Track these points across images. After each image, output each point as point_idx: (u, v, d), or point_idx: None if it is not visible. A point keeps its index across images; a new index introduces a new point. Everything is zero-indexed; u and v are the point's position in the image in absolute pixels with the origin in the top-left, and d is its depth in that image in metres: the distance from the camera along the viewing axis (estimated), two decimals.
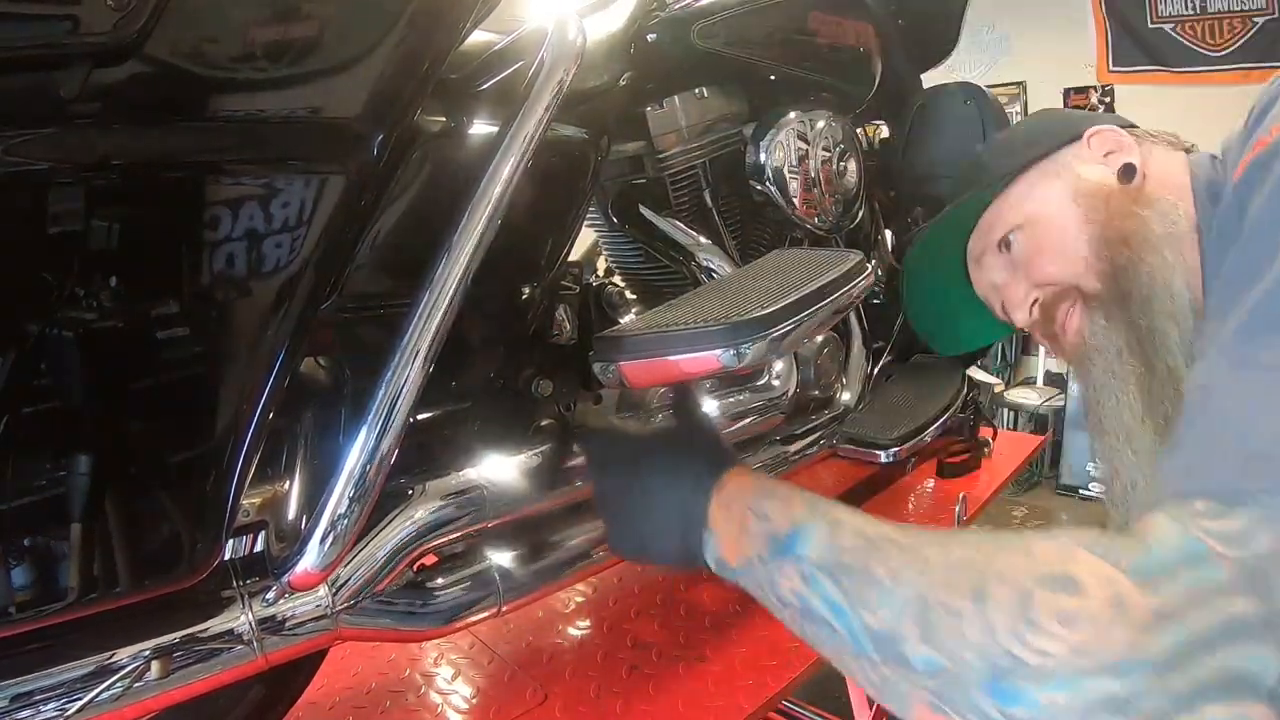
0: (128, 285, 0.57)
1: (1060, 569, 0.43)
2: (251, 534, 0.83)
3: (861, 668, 0.48)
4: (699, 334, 0.63)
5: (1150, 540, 0.42)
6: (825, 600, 0.49)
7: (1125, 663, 0.39)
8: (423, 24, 0.65)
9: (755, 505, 0.57)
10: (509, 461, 0.91)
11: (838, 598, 0.48)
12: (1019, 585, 0.43)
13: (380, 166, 0.66)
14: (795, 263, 0.88)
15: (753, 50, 1.17)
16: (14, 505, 0.57)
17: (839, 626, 0.48)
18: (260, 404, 0.64)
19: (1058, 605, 0.41)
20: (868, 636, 0.46)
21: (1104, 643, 0.40)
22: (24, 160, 0.51)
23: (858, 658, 0.47)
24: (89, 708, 0.64)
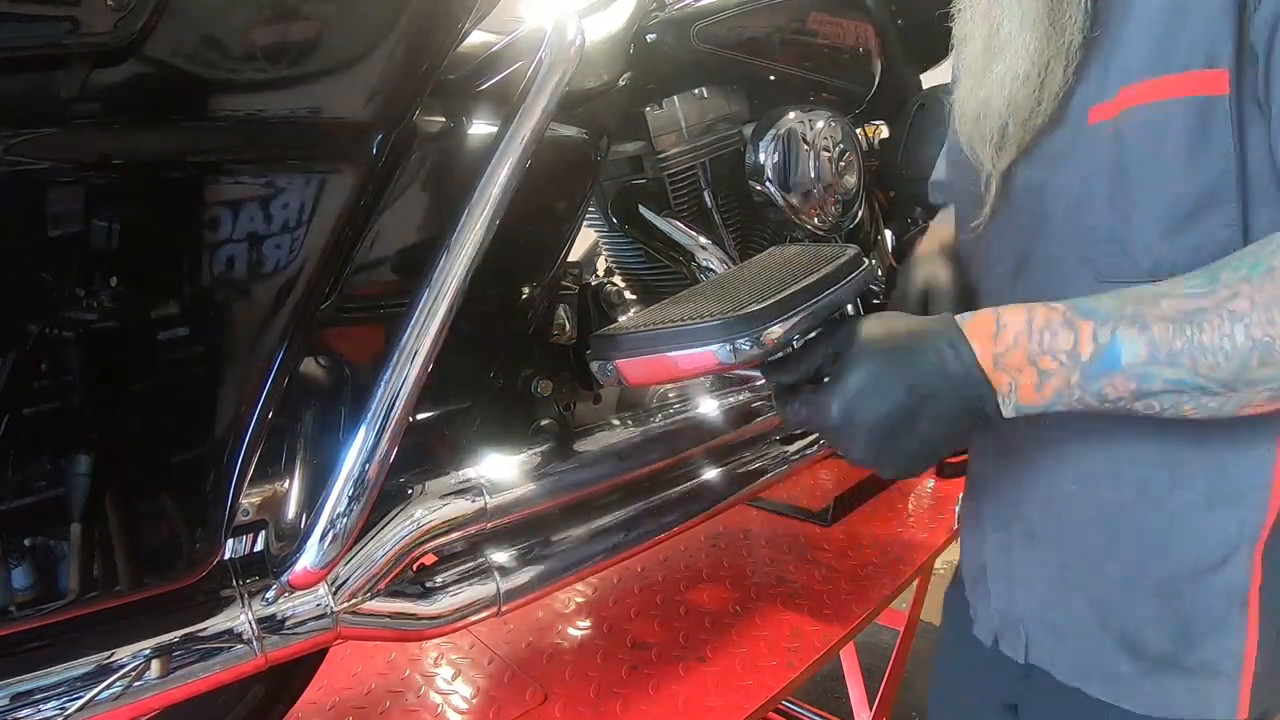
0: (128, 285, 0.57)
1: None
2: (251, 533, 0.83)
3: (1205, 407, 0.53)
4: (695, 330, 0.62)
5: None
6: (1169, 382, 0.52)
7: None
8: (422, 24, 0.65)
9: (1032, 347, 0.55)
10: (509, 461, 0.91)
11: (1183, 376, 0.52)
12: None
13: (380, 166, 0.66)
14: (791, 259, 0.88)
15: (752, 50, 1.17)
16: (14, 505, 0.57)
17: (1186, 391, 0.52)
18: (260, 403, 0.64)
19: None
20: (1214, 383, 0.51)
21: None
22: (24, 160, 0.51)
23: (1204, 401, 0.53)
24: (89, 707, 0.64)
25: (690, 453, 1.07)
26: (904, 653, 1.62)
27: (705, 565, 1.40)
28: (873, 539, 1.46)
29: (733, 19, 1.13)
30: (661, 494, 1.04)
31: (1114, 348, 0.53)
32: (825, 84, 1.29)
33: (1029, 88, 0.61)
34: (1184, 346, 0.51)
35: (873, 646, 1.68)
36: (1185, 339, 0.51)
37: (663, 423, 1.04)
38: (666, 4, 1.11)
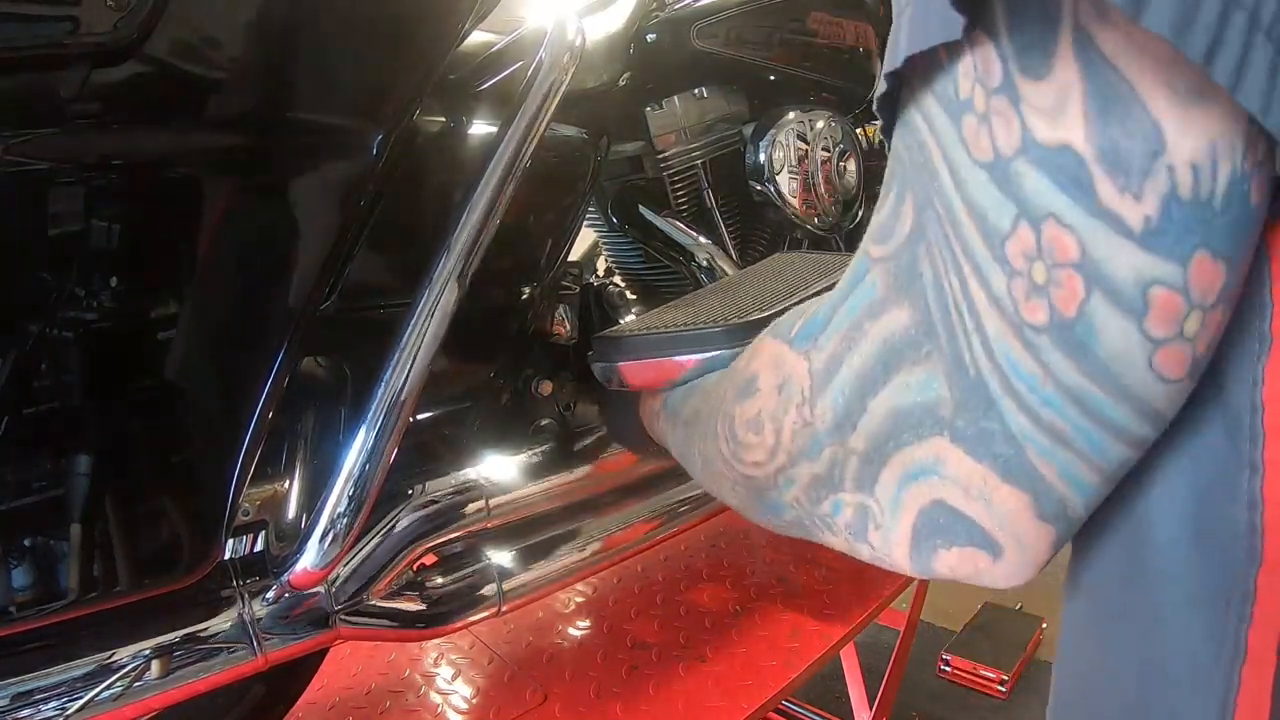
0: (128, 285, 0.57)
1: (745, 373, 0.41)
2: (251, 533, 0.83)
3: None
4: (698, 335, 0.63)
5: (838, 284, 0.37)
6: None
7: (808, 441, 0.36)
8: (423, 24, 0.65)
9: (656, 421, 0.65)
10: (509, 461, 0.91)
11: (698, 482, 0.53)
12: (724, 410, 0.43)
13: (380, 166, 0.66)
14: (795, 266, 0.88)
15: (752, 50, 1.17)
16: (14, 505, 0.57)
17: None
18: (260, 403, 0.64)
19: (745, 415, 0.40)
20: (706, 489, 0.51)
21: (783, 432, 0.37)
22: (24, 160, 0.51)
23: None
24: (89, 707, 0.64)
25: None
26: (904, 653, 1.62)
27: (705, 565, 1.40)
28: None
29: (733, 19, 1.13)
30: (661, 494, 1.04)
31: (666, 442, 0.57)
32: (825, 84, 1.29)
33: None
34: (683, 453, 0.52)
35: (873, 646, 1.68)
36: (684, 446, 0.52)
37: None
38: (666, 4, 1.11)
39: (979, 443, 0.29)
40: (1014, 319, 0.27)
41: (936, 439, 0.30)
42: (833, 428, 0.34)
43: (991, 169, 0.26)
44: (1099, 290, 0.25)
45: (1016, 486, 0.29)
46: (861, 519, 0.35)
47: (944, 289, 0.29)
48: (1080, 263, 0.25)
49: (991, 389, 0.28)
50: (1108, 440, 0.27)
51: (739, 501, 0.45)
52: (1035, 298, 0.26)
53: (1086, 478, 0.28)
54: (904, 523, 0.32)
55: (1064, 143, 0.25)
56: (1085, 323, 0.26)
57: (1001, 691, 2.02)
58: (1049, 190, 0.25)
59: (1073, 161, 0.25)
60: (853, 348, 0.33)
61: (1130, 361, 0.26)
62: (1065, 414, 0.27)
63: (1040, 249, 0.26)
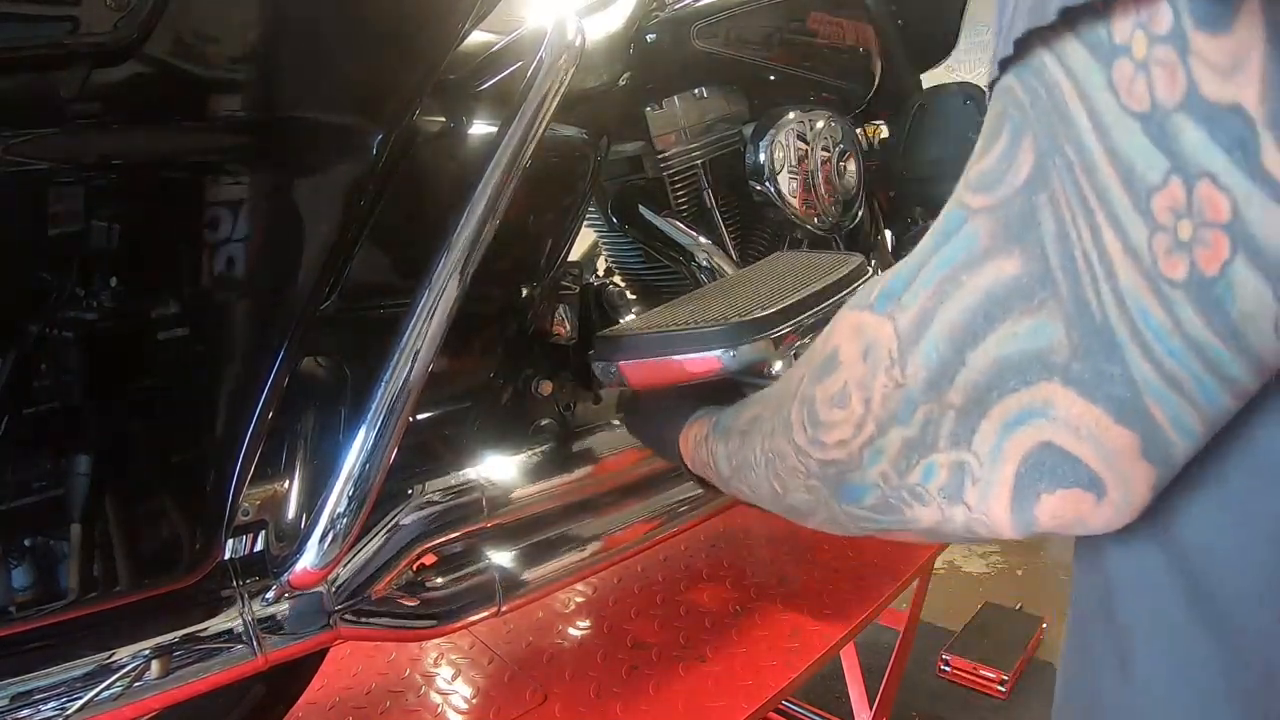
0: (128, 285, 0.57)
1: (823, 350, 0.40)
2: (251, 533, 0.83)
3: (800, 522, 0.50)
4: (699, 335, 0.63)
5: (919, 245, 0.36)
6: (747, 496, 0.54)
7: (900, 404, 0.35)
8: (423, 24, 0.65)
9: (699, 444, 0.65)
10: (509, 461, 0.91)
11: (747, 493, 0.52)
12: (800, 393, 0.42)
13: (380, 166, 0.66)
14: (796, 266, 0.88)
15: (752, 50, 1.17)
16: (14, 505, 0.57)
17: (766, 508, 0.52)
18: (260, 403, 0.64)
19: (827, 391, 0.39)
20: (773, 506, 0.49)
21: (873, 399, 0.36)
22: (24, 160, 0.51)
23: (791, 518, 0.50)
24: (89, 707, 0.64)
25: None
26: (904, 653, 1.62)
27: (705, 565, 1.40)
28: (873, 539, 1.46)
29: (733, 19, 1.13)
30: (662, 494, 1.04)
31: (715, 460, 0.55)
32: (825, 84, 1.29)
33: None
34: (739, 464, 0.50)
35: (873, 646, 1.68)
36: (740, 455, 0.50)
37: None
38: (666, 4, 1.11)
39: (1096, 386, 0.29)
40: (1151, 271, 0.27)
41: (1046, 384, 0.30)
42: (926, 385, 0.34)
43: (1146, 119, 0.26)
44: (1244, 253, 0.25)
45: (1128, 427, 0.29)
46: (958, 477, 0.34)
47: (1069, 237, 0.29)
48: (1230, 224, 0.25)
49: (1118, 336, 0.28)
50: (1220, 391, 0.28)
51: (811, 499, 0.44)
52: (1177, 253, 0.26)
53: (1194, 424, 0.29)
54: (1005, 471, 0.32)
55: (1235, 102, 0.24)
56: (1225, 283, 0.26)
57: (1001, 691, 2.02)
58: (1209, 148, 0.25)
59: (1241, 123, 0.24)
60: (946, 301, 0.33)
61: (1258, 323, 0.26)
62: (1188, 365, 0.27)
63: (1190, 206, 0.26)
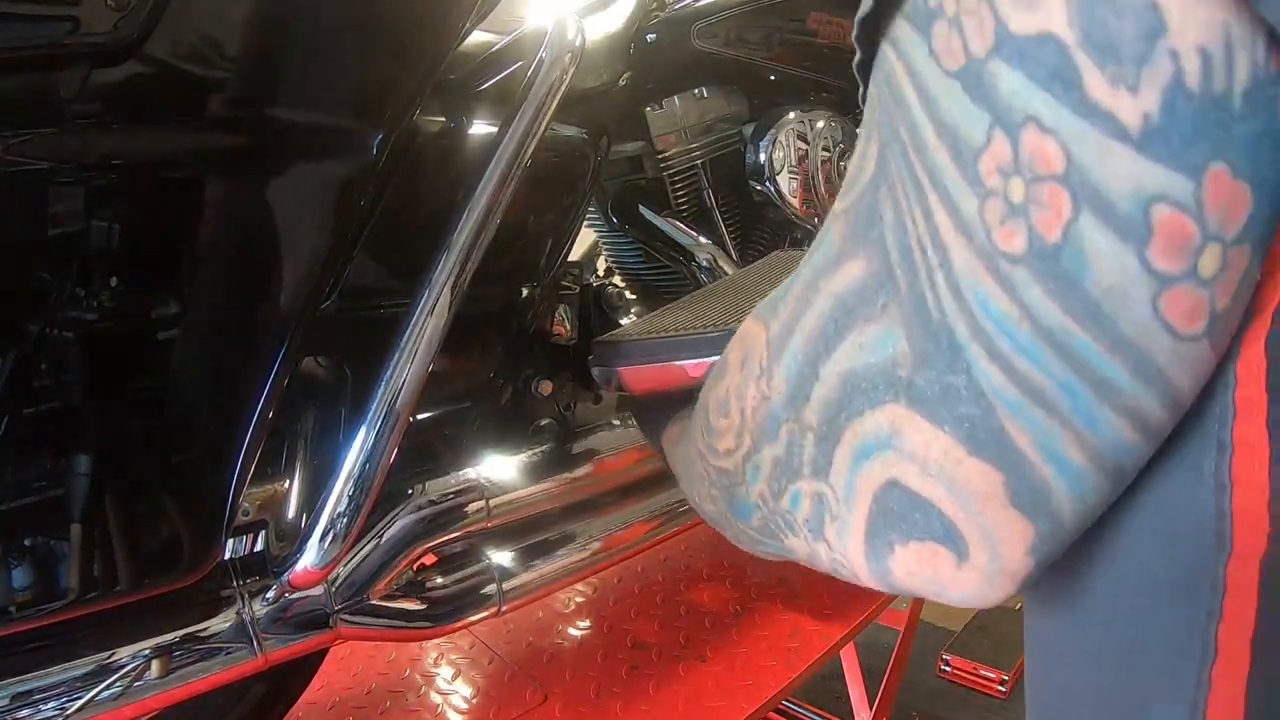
0: (128, 285, 0.57)
1: (723, 356, 0.38)
2: (251, 533, 0.83)
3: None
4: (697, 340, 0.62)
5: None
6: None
7: (766, 418, 0.32)
8: (423, 24, 0.65)
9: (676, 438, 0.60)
10: (509, 461, 0.91)
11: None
12: (701, 401, 0.40)
13: (380, 166, 0.66)
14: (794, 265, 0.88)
15: (752, 50, 1.17)
16: (14, 505, 0.57)
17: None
18: (260, 403, 0.64)
19: (716, 397, 0.37)
20: (700, 511, 0.45)
21: (745, 410, 0.34)
22: (24, 160, 0.51)
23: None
24: (89, 707, 0.64)
25: None
26: (904, 653, 1.62)
27: (705, 565, 1.40)
28: None
29: (733, 19, 1.13)
30: (662, 494, 1.04)
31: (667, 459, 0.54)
32: (825, 84, 1.29)
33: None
34: (681, 474, 0.49)
35: (873, 646, 1.68)
36: (682, 467, 0.48)
37: None
38: (666, 4, 1.11)
39: (941, 403, 0.24)
40: (985, 247, 0.23)
41: (891, 405, 0.26)
42: (787, 400, 0.30)
43: (963, 75, 0.23)
44: (1089, 208, 0.21)
45: (984, 459, 0.24)
46: (819, 511, 0.30)
47: (905, 227, 0.25)
48: (1065, 174, 0.21)
49: (957, 334, 0.24)
50: (1094, 403, 0.23)
51: (715, 510, 0.41)
52: (1011, 220, 0.22)
53: (1071, 455, 0.23)
54: (859, 512, 0.28)
55: (1044, 30, 0.21)
56: (1072, 248, 0.21)
57: (1001, 691, 2.02)
58: (1027, 89, 0.21)
59: (1054, 51, 0.21)
60: (806, 310, 0.29)
61: (1127, 301, 0.21)
62: (1045, 365, 0.23)
63: (1018, 161, 0.22)
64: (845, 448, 0.28)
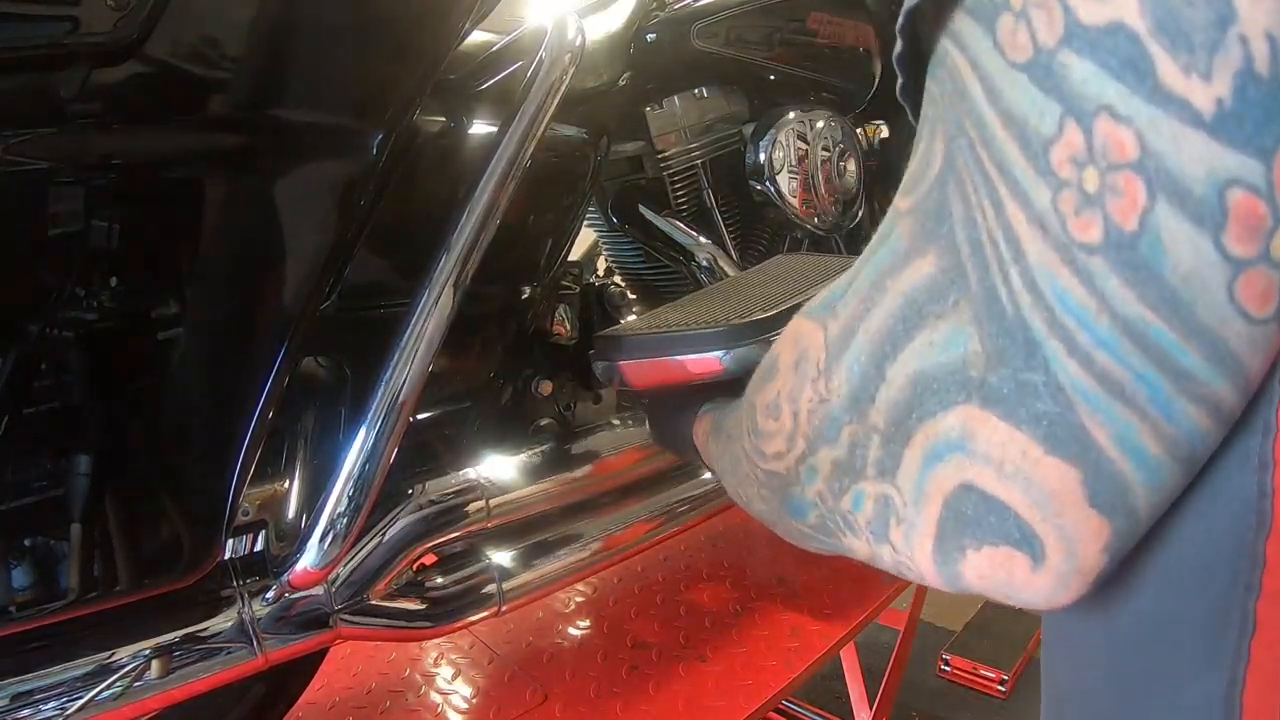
0: (128, 285, 0.57)
1: (770, 355, 0.37)
2: (251, 533, 0.83)
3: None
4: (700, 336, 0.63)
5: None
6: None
7: (825, 420, 0.31)
8: (422, 24, 0.65)
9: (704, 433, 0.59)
10: (509, 461, 0.91)
11: (731, 495, 0.48)
12: (748, 401, 0.39)
13: (380, 166, 0.66)
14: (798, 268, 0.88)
15: (752, 50, 1.17)
16: (14, 505, 0.57)
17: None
18: (259, 403, 0.64)
19: (764, 399, 0.36)
20: (746, 506, 0.45)
21: (800, 413, 0.33)
22: (24, 160, 0.51)
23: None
24: (89, 707, 0.64)
25: None
26: (904, 653, 1.62)
27: (705, 565, 1.40)
28: None
29: (733, 19, 1.13)
30: (662, 494, 1.04)
31: (705, 452, 0.53)
32: (825, 84, 1.29)
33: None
34: (725, 467, 0.47)
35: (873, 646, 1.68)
36: (725, 459, 0.47)
37: None
38: (666, 4, 1.11)
39: (1017, 402, 0.24)
40: (1061, 239, 0.23)
41: (964, 406, 0.25)
42: (849, 402, 0.30)
43: (1032, 67, 0.23)
44: (1164, 195, 0.21)
45: (1063, 457, 0.24)
46: (884, 513, 0.30)
47: (975, 221, 0.25)
48: (1140, 162, 0.21)
49: (1034, 329, 0.24)
50: (1171, 392, 0.22)
51: (767, 509, 0.40)
52: (1087, 210, 0.22)
53: (1148, 446, 0.23)
54: (928, 514, 0.27)
55: (1115, 20, 0.21)
56: (1149, 237, 0.21)
57: (1001, 691, 2.02)
58: (1100, 78, 0.21)
59: (1126, 40, 0.21)
60: (871, 309, 0.29)
61: (1205, 287, 0.21)
62: (1124, 358, 0.22)
63: (1092, 150, 0.22)
64: (915, 450, 0.27)
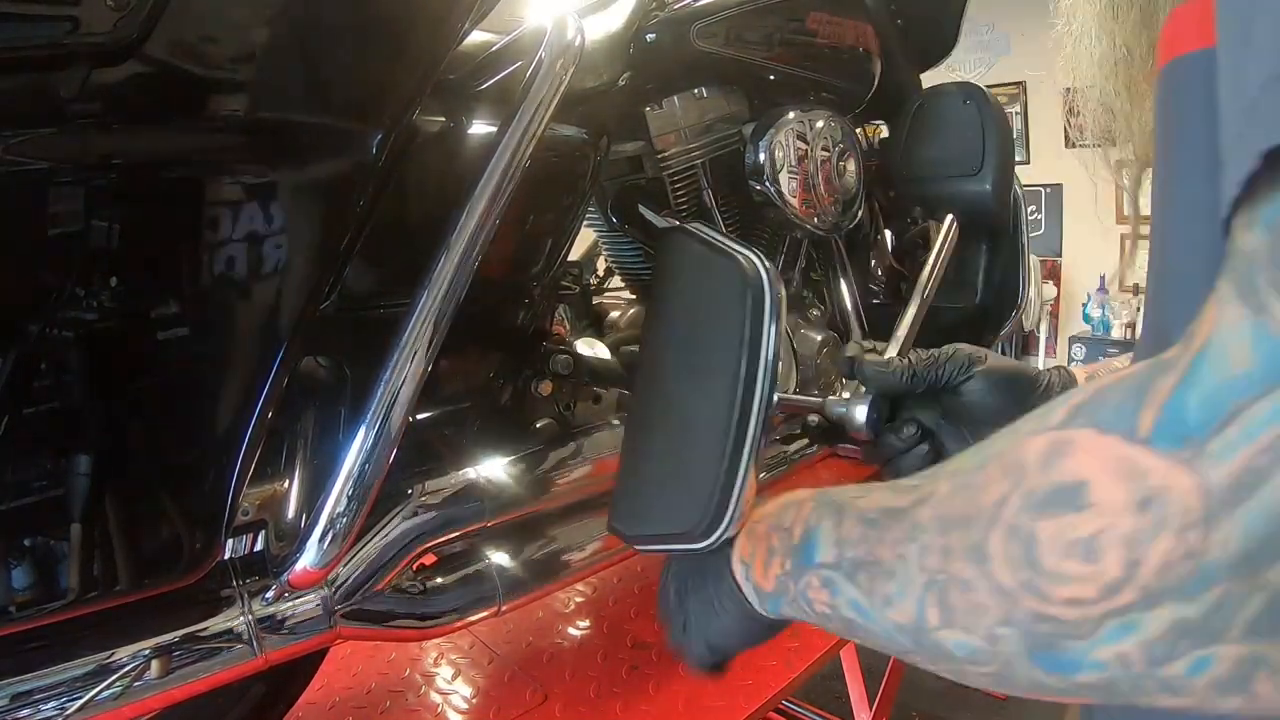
0: (128, 285, 0.57)
1: (1056, 475, 0.31)
2: (251, 533, 0.83)
3: (923, 663, 0.39)
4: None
5: (1195, 355, 0.27)
6: (851, 604, 0.40)
7: (1186, 578, 0.27)
8: (422, 24, 0.65)
9: (777, 520, 0.49)
10: (509, 461, 0.91)
11: (860, 599, 0.40)
12: (1014, 523, 0.32)
13: (380, 166, 0.66)
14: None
15: (752, 50, 1.17)
16: (14, 505, 0.57)
17: (873, 628, 0.40)
18: (259, 403, 0.64)
19: (1066, 535, 0.30)
20: (900, 632, 0.38)
21: (1145, 563, 0.28)
22: (24, 160, 0.51)
23: (907, 654, 0.39)
24: (89, 707, 0.64)
25: None
26: None
27: None
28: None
29: (732, 19, 1.13)
30: None
31: (812, 538, 0.42)
32: (825, 84, 1.29)
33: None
34: (864, 558, 0.39)
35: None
36: (866, 547, 0.39)
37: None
38: (666, 4, 1.11)
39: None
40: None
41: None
42: (1237, 561, 0.26)
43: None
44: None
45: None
46: (1245, 672, 0.27)
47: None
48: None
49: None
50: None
51: (986, 647, 0.34)
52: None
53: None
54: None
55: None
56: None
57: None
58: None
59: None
60: (1275, 460, 0.25)
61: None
62: None
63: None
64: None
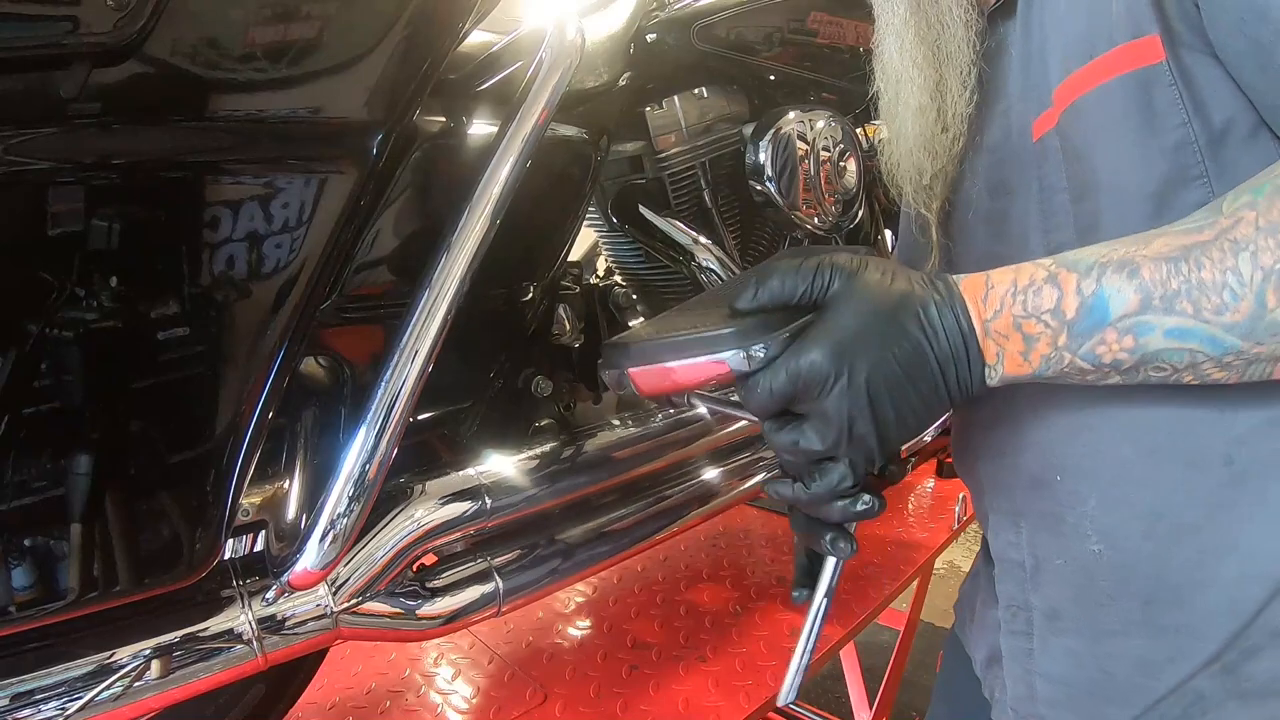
0: (128, 285, 0.57)
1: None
2: (251, 533, 0.83)
3: (1232, 366, 0.45)
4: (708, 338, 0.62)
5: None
6: (1168, 333, 0.45)
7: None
8: (423, 24, 0.65)
9: (1017, 309, 0.49)
10: (509, 461, 0.91)
11: (1182, 324, 0.44)
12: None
13: (380, 166, 0.66)
14: None
15: (752, 50, 1.17)
16: (14, 505, 0.57)
17: (1195, 344, 0.45)
18: (260, 403, 0.64)
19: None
20: (1229, 332, 0.43)
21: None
22: (24, 160, 0.51)
23: (1226, 355, 0.44)
24: (89, 707, 0.64)
25: (690, 452, 1.07)
26: (904, 653, 1.62)
27: (705, 565, 1.40)
28: (873, 539, 1.46)
29: (733, 18, 1.13)
30: (662, 494, 1.04)
31: (1100, 299, 0.46)
32: (825, 84, 1.29)
33: (928, 119, 0.61)
34: (1181, 287, 0.44)
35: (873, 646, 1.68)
36: (1182, 278, 0.44)
37: (662, 423, 1.05)
38: (666, 4, 1.11)
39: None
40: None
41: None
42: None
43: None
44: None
45: None
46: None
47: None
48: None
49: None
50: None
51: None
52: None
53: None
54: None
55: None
56: None
57: None
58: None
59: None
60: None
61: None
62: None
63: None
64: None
